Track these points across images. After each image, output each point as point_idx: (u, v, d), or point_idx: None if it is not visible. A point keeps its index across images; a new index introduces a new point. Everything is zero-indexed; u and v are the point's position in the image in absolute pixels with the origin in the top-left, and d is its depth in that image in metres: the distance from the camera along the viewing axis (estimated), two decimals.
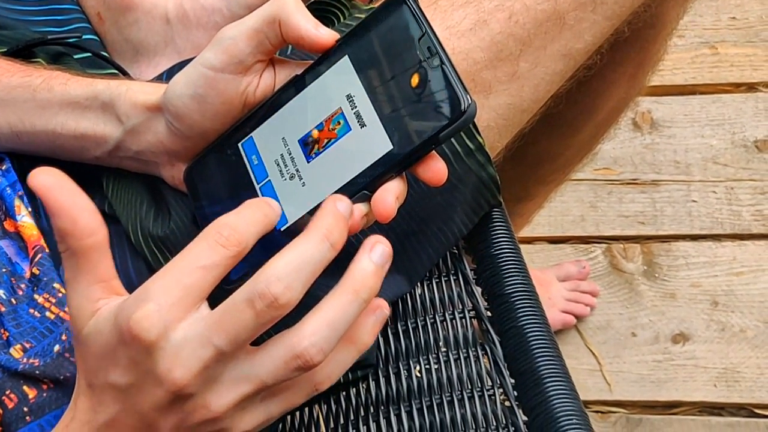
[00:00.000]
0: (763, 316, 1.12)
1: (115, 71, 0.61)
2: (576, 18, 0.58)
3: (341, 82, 0.45)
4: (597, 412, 1.10)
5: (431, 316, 0.61)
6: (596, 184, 1.21)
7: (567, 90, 0.64)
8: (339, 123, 0.45)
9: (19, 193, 0.55)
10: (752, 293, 1.13)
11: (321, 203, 0.44)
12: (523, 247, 1.18)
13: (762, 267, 1.14)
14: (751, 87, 1.23)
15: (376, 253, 0.40)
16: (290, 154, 0.46)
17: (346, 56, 0.45)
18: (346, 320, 0.39)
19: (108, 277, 0.41)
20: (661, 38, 0.74)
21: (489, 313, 0.61)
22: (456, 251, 0.64)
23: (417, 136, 0.43)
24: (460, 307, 0.62)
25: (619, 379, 1.11)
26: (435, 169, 0.43)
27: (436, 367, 0.59)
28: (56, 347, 0.50)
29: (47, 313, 0.51)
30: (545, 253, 1.19)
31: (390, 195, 0.43)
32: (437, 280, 0.63)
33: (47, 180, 0.40)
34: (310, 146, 0.45)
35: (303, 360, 0.39)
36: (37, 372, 0.49)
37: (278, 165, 0.46)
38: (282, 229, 0.46)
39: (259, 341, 0.40)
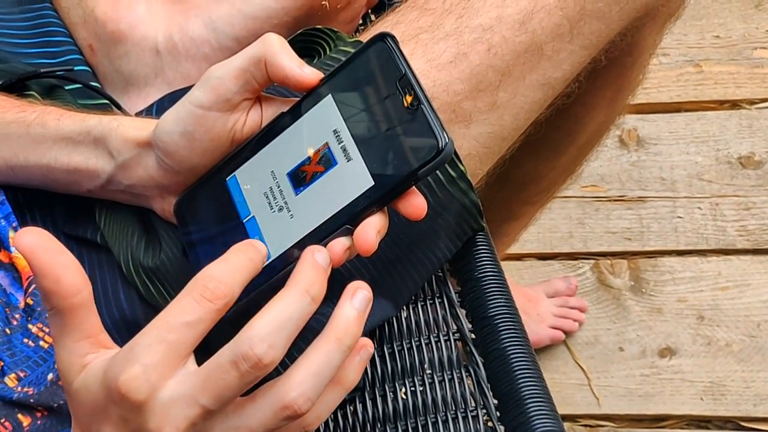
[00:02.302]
0: (748, 329, 1.14)
1: (107, 102, 0.62)
2: (554, 48, 0.59)
3: (327, 119, 0.47)
4: (586, 426, 1.11)
5: (416, 338, 0.63)
6: (584, 201, 1.23)
7: (547, 117, 0.65)
8: (325, 157, 0.46)
9: (14, 224, 0.57)
10: (737, 307, 1.15)
11: (306, 236, 0.46)
12: (512, 263, 1.21)
13: (747, 281, 1.16)
14: (734, 104, 1.25)
15: (357, 299, 0.42)
16: (279, 186, 0.48)
17: (330, 95, 0.47)
18: (332, 367, 0.41)
19: (95, 332, 0.42)
20: (638, 64, 0.76)
21: (473, 336, 0.62)
22: (441, 274, 0.65)
23: (397, 173, 0.44)
24: (445, 329, 0.63)
25: (607, 393, 1.13)
26: (415, 205, 0.45)
27: (421, 389, 0.61)
28: (50, 376, 0.51)
29: (41, 343, 0.52)
30: (534, 270, 1.21)
31: (371, 230, 0.44)
32: (422, 303, 0.64)
33: (32, 240, 0.40)
34: (297, 179, 0.47)
35: (291, 410, 0.40)
36: (32, 400, 0.50)
37: (267, 197, 0.48)
38: (269, 261, 0.47)
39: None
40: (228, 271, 0.41)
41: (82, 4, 0.65)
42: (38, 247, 0.40)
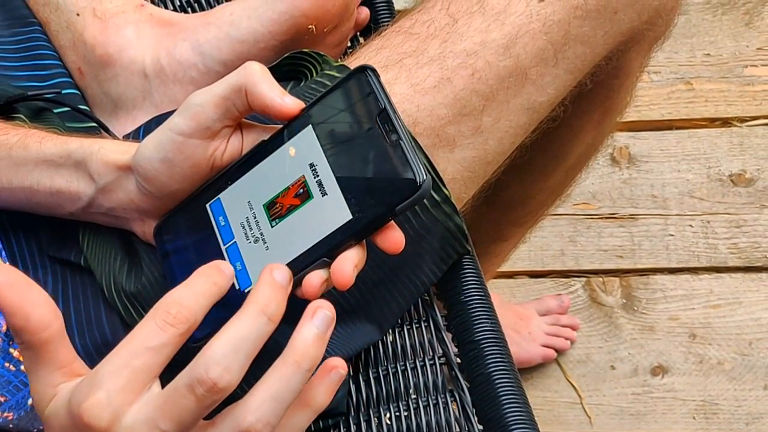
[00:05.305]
0: (740, 348, 1.14)
1: (94, 124, 0.63)
2: (538, 73, 0.60)
3: (305, 151, 0.47)
4: None
5: (402, 363, 0.63)
6: (575, 218, 1.23)
7: (533, 140, 0.65)
8: (302, 191, 0.46)
9: None
10: (729, 325, 1.15)
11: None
12: (504, 281, 1.21)
13: (738, 299, 1.16)
14: (725, 122, 1.26)
15: (318, 318, 0.41)
16: (255, 217, 0.48)
17: (310, 126, 0.47)
18: (290, 390, 0.40)
19: (67, 362, 0.42)
20: (625, 87, 0.76)
21: (458, 360, 0.62)
22: (427, 298, 0.65)
23: (375, 208, 0.44)
24: (431, 353, 0.63)
25: (599, 411, 1.12)
26: (392, 239, 0.45)
27: (405, 414, 0.61)
28: (30, 400, 0.51)
29: (22, 367, 0.52)
30: (526, 288, 1.21)
31: (348, 263, 0.45)
32: (408, 326, 0.64)
33: None
34: (273, 211, 0.47)
35: None
36: (11, 425, 0.50)
37: (243, 228, 0.48)
38: (246, 290, 0.47)
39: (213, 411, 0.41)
40: (191, 295, 0.40)
41: (71, 28, 0.65)
42: (4, 284, 0.39)
